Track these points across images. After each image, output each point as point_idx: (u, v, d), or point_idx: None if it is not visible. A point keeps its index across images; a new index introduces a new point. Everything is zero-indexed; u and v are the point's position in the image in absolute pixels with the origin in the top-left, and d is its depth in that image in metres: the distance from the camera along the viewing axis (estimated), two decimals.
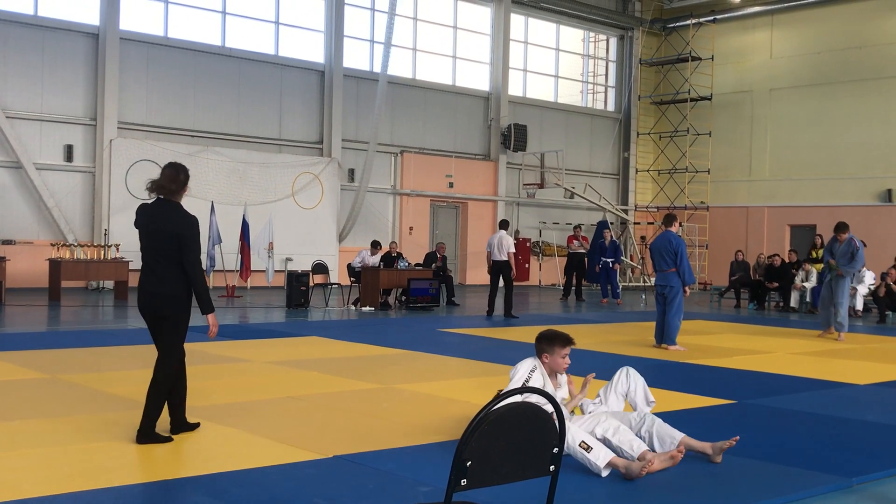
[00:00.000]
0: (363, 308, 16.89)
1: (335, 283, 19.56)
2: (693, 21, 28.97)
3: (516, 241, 21.88)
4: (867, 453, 5.93)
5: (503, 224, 16.59)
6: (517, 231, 26.94)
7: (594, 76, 30.40)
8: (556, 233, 27.78)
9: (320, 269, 19.12)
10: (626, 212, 29.62)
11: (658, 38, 30.54)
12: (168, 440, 5.66)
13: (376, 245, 18.18)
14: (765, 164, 28.18)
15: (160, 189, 5.75)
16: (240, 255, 19.03)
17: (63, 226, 19.60)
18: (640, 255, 28.41)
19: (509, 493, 4.06)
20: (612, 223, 26.70)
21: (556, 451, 3.20)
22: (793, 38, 27.76)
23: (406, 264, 18.09)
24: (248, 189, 21.46)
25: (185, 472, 5.14)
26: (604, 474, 5.03)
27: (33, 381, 7.88)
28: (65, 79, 19.92)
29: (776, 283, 19.93)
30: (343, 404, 7.18)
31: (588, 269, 21.77)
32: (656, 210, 29.62)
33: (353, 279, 18.21)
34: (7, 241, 19.03)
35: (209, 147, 21.32)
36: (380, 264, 17.53)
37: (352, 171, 23.92)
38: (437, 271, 18.42)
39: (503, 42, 26.71)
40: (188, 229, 5.72)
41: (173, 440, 5.69)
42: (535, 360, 5.61)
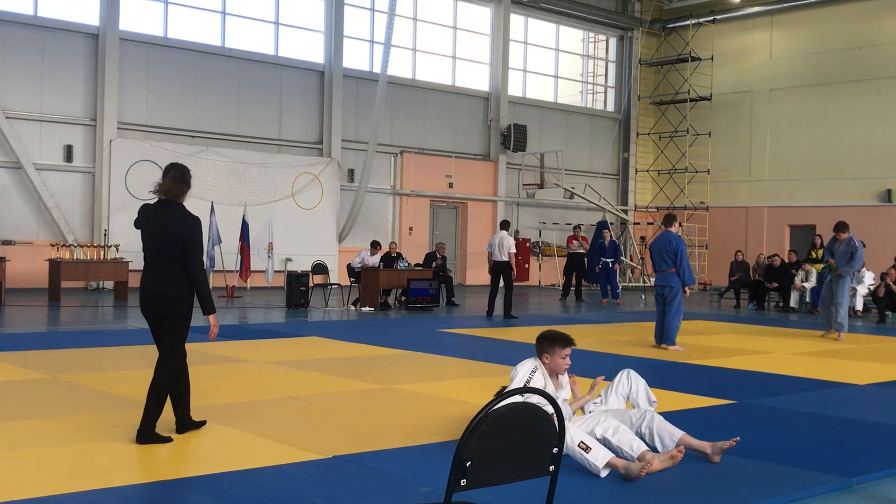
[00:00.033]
0: (363, 308, 16.89)
1: (335, 284, 19.56)
2: (693, 21, 28.96)
3: (516, 242, 21.87)
4: (867, 453, 5.93)
5: (504, 224, 16.56)
6: (517, 231, 26.94)
7: (594, 76, 30.39)
8: (556, 233, 27.77)
9: (320, 269, 19.13)
10: (625, 212, 29.62)
11: (658, 39, 30.54)
12: (168, 440, 5.66)
13: (376, 245, 18.17)
14: (764, 165, 28.18)
15: (169, 194, 5.76)
16: (239, 256, 19.03)
17: (63, 226, 19.59)
18: (639, 256, 28.41)
19: (509, 494, 4.07)
20: (611, 223, 26.69)
21: (555, 451, 3.20)
22: (792, 38, 27.76)
23: (406, 264, 18.08)
24: (247, 189, 21.45)
25: (185, 472, 5.14)
26: (603, 475, 5.02)
27: (33, 382, 7.88)
28: (64, 79, 19.92)
29: (776, 284, 19.93)
30: (343, 404, 7.18)
31: (588, 269, 21.76)
32: (656, 210, 29.62)
33: (352, 279, 18.21)
34: (7, 242, 19.02)
35: (209, 147, 21.32)
36: (379, 264, 17.52)
37: (351, 172, 23.92)
38: (436, 271, 18.42)
39: (503, 42, 26.71)
40: (192, 230, 5.73)
41: (173, 440, 5.69)
42: (535, 361, 5.61)
